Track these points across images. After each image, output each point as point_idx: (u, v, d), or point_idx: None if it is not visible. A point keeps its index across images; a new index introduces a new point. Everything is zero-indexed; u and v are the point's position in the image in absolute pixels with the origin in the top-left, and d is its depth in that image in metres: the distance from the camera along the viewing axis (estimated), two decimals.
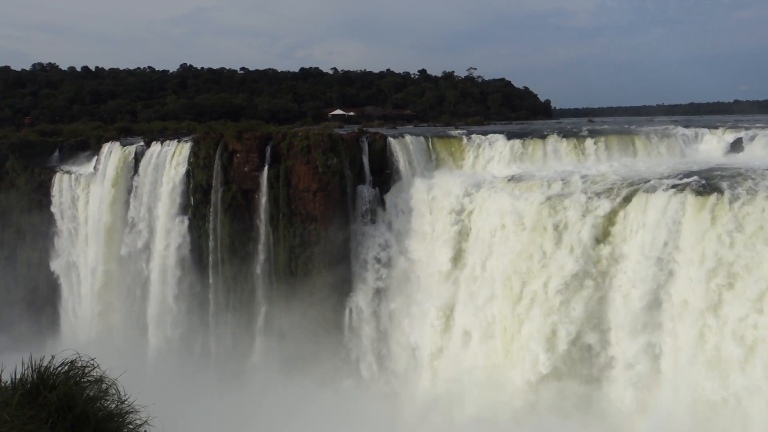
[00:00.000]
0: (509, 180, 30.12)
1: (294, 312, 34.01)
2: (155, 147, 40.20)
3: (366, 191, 33.77)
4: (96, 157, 46.61)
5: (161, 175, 38.60)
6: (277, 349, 34.43)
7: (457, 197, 30.70)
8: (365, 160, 34.31)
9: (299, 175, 33.83)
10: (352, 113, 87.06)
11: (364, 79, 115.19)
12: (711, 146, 33.96)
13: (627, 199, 24.86)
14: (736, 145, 33.00)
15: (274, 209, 34.64)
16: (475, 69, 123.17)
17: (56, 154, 51.00)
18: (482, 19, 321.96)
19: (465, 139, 35.20)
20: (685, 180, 24.52)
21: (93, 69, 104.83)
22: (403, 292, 32.41)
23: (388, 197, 33.54)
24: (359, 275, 33.54)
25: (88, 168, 47.38)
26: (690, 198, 22.93)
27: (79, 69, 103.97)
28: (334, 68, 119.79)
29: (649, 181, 25.72)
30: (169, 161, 38.29)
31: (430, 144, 35.00)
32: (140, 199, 39.85)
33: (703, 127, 36.03)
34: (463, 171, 33.76)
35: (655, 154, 33.78)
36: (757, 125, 35.53)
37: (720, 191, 22.58)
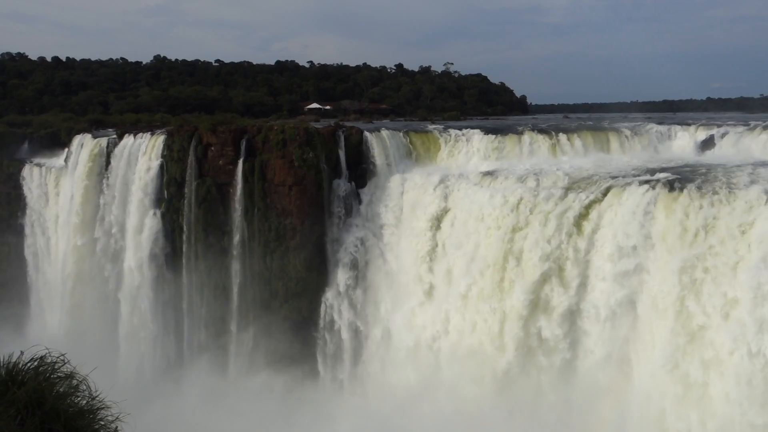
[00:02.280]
0: (485, 175, 30.22)
1: (268, 307, 33.83)
2: (128, 139, 39.63)
3: (342, 185, 33.67)
4: (67, 149, 45.88)
5: (134, 168, 38.04)
6: (251, 344, 34.25)
7: (433, 192, 30.74)
8: (341, 154, 34.19)
9: (275, 169, 33.60)
10: (328, 107, 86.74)
11: (341, 72, 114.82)
12: (684, 143, 34.52)
13: (601, 195, 25.06)
14: (708, 143, 33.55)
15: (249, 203, 34.37)
16: (452, 64, 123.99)
17: (26, 145, 50.15)
18: (459, 14, 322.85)
19: (441, 134, 35.28)
20: (658, 176, 24.83)
21: (64, 59, 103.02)
22: (378, 286, 32.41)
23: (365, 192, 33.47)
24: (335, 270, 33.45)
25: (58, 160, 46.62)
26: (662, 194, 23.19)
27: (49, 59, 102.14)
28: (311, 62, 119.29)
29: (622, 176, 25.99)
30: (143, 154, 37.74)
31: (406, 139, 34.98)
32: (112, 192, 39.25)
33: (676, 124, 36.59)
34: (439, 166, 33.85)
35: (629, 150, 34.23)
36: (729, 123, 36.12)
37: (691, 188, 22.87)
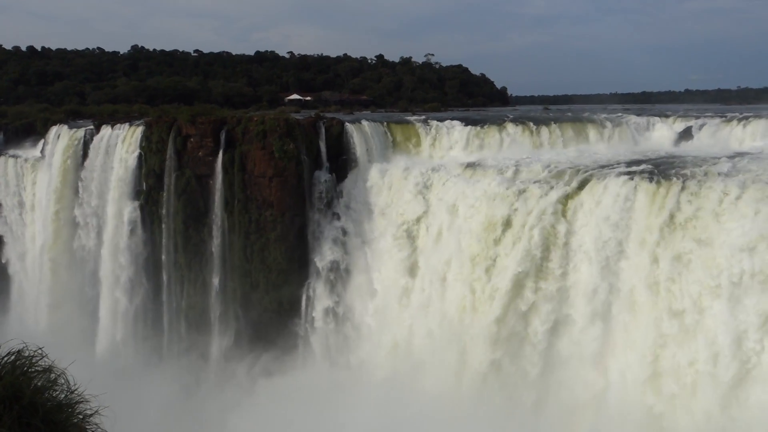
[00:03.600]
0: (466, 166, 30.29)
1: (249, 299, 33.71)
2: (105, 130, 39.16)
3: (323, 177, 33.54)
4: (43, 140, 45.28)
5: (112, 159, 37.63)
6: (233, 336, 34.14)
7: (415, 184, 30.74)
8: (322, 145, 34.03)
9: (255, 160, 33.37)
10: (308, 98, 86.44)
11: (321, 63, 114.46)
12: (662, 134, 34.90)
13: (580, 186, 25.21)
14: (686, 134, 33.94)
15: (229, 195, 34.15)
16: (433, 55, 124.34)
17: (0, 137, 49.44)
18: (440, 4, 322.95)
19: (422, 125, 35.28)
20: (637, 167, 25.05)
21: (39, 49, 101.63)
22: (359, 278, 32.40)
23: (346, 183, 33.39)
24: (316, 262, 33.37)
25: (34, 152, 46.00)
26: (641, 185, 23.38)
27: (24, 49, 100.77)
28: (291, 52, 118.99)
29: (601, 168, 26.18)
30: (121, 145, 37.34)
31: (387, 130, 34.93)
32: (90, 184, 38.81)
33: (655, 115, 36.97)
34: (420, 157, 33.86)
35: (608, 141, 34.52)
36: (707, 114, 36.56)
37: (670, 179, 23.10)
